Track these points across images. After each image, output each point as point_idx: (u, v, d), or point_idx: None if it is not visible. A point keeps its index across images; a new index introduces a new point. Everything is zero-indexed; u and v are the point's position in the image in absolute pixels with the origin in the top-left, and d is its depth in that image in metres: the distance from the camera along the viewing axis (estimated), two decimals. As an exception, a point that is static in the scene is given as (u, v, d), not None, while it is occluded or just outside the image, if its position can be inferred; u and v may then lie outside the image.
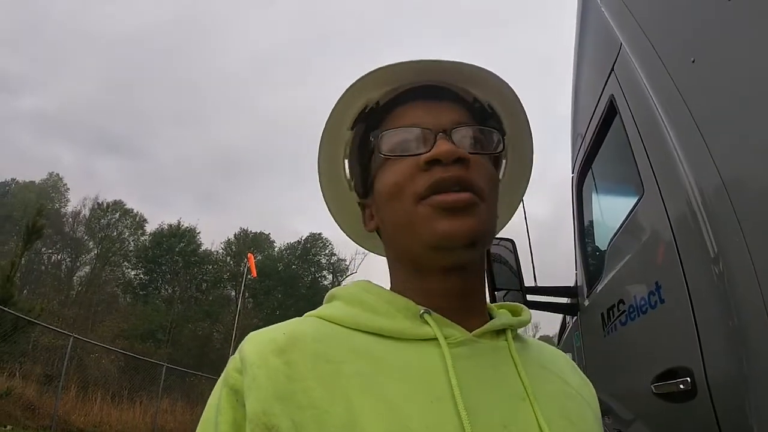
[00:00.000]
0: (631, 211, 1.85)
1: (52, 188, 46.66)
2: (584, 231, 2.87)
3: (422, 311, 0.70)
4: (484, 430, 0.61)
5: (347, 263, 50.44)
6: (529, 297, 2.92)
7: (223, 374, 0.68)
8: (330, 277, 50.83)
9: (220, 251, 46.91)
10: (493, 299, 2.85)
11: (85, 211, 43.53)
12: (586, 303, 2.57)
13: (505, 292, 3.00)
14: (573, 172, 2.95)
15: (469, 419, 0.60)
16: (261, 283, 42.30)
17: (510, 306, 0.83)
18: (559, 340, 4.06)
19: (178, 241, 43.33)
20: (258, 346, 0.66)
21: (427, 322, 0.70)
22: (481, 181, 0.72)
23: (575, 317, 2.97)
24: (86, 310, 33.59)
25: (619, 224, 2.00)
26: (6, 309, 10.87)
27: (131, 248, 44.17)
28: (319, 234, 50.86)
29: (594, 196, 2.73)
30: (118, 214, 44.39)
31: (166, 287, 42.73)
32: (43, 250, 37.84)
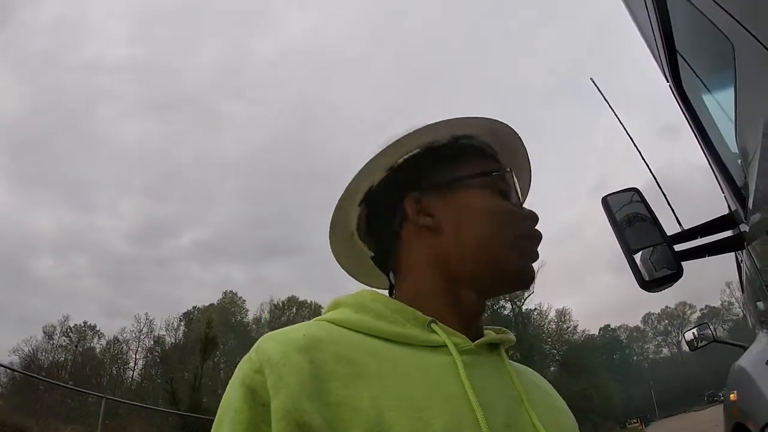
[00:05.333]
0: None
1: (230, 304, 50.38)
2: (714, 141, 2.21)
3: (429, 321, 0.76)
4: (493, 427, 0.66)
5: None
6: (677, 247, 2.28)
7: (236, 376, 0.67)
8: (509, 305, 50.41)
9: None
10: (633, 264, 2.28)
11: (265, 314, 46.66)
12: (750, 226, 1.91)
13: (648, 250, 2.39)
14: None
15: (484, 416, 0.66)
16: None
17: (493, 328, 0.89)
18: (741, 288, 3.26)
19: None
20: (281, 345, 0.67)
21: (434, 331, 0.76)
22: None
23: (744, 250, 2.28)
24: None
25: None
26: (198, 415, 11.72)
27: (314, 336, 46.30)
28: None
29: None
30: (294, 308, 46.90)
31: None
32: (237, 359, 40.91)
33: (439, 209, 0.85)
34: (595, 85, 2.58)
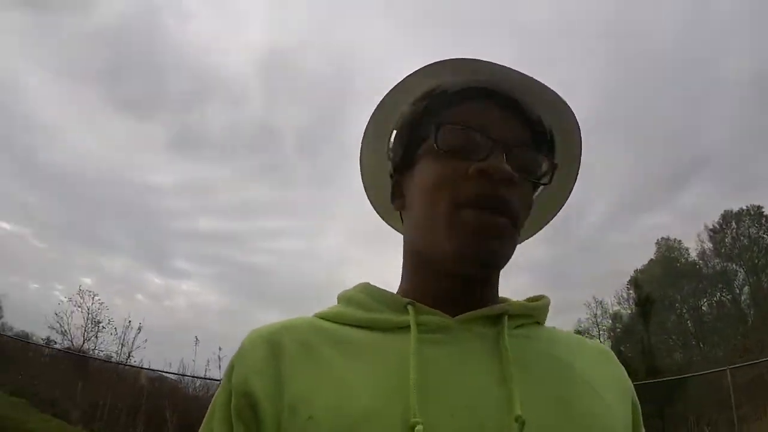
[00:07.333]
0: None
1: (668, 251, 45.68)
2: None
3: (406, 303, 0.71)
4: (436, 411, 0.60)
5: None
6: None
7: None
8: None
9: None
10: None
11: (707, 244, 42.42)
12: None
13: None
14: None
15: (419, 398, 0.59)
16: None
17: (533, 297, 0.80)
18: None
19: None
20: (254, 335, 0.71)
21: (408, 313, 0.70)
22: (520, 206, 0.72)
23: None
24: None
25: None
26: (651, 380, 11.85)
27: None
28: None
29: None
30: (733, 221, 41.81)
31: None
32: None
33: (409, 187, 0.78)
34: None
